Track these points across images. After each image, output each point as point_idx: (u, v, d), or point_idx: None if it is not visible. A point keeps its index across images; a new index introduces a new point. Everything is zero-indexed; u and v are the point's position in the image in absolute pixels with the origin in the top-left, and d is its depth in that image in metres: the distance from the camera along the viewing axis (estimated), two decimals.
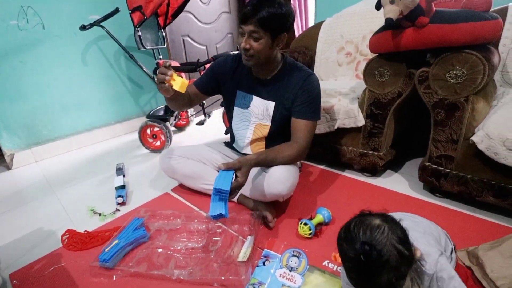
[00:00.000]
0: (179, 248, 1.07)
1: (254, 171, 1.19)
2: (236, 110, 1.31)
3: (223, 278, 0.92)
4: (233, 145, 1.41)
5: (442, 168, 1.20)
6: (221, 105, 1.41)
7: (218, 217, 0.93)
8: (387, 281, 0.59)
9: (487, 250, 0.86)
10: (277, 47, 1.11)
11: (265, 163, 1.13)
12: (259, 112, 1.25)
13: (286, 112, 1.20)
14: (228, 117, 1.40)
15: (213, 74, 1.28)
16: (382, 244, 0.59)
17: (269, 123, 1.25)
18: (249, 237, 1.07)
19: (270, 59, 1.14)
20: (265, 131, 1.26)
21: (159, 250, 1.06)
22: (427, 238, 0.76)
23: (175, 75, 1.02)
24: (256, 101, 1.24)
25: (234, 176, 0.99)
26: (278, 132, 1.24)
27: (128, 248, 1.07)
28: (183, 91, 1.04)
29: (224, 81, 1.28)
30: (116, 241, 1.06)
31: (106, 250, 1.02)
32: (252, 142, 1.31)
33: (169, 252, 1.05)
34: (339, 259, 0.96)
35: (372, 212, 0.68)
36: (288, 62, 1.20)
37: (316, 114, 1.19)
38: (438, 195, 1.29)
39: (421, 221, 0.88)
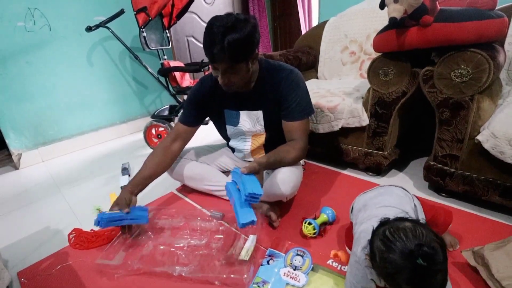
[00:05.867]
0: (181, 245, 1.08)
1: None
2: (229, 128, 1.29)
3: (225, 276, 0.92)
4: (234, 154, 1.41)
5: (447, 168, 1.19)
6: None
7: (249, 224, 0.87)
8: (441, 279, 0.57)
9: (492, 250, 0.85)
10: (253, 65, 1.06)
11: (273, 166, 1.12)
12: (250, 125, 1.24)
13: (276, 115, 1.17)
14: (222, 135, 1.38)
15: (195, 103, 1.24)
16: (431, 240, 0.57)
17: (263, 132, 1.24)
18: (251, 236, 1.06)
19: (251, 78, 1.11)
20: (262, 140, 1.27)
21: (162, 247, 1.07)
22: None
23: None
24: (244, 115, 1.22)
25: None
26: (275, 138, 1.22)
27: (126, 221, 1.08)
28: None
29: (207, 105, 1.24)
30: (117, 211, 1.07)
31: (107, 212, 1.05)
32: (252, 151, 1.31)
33: (172, 249, 1.06)
34: (341, 257, 0.96)
35: (393, 218, 0.67)
36: (265, 66, 1.15)
37: (306, 111, 1.15)
38: (443, 194, 1.29)
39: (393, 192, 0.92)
